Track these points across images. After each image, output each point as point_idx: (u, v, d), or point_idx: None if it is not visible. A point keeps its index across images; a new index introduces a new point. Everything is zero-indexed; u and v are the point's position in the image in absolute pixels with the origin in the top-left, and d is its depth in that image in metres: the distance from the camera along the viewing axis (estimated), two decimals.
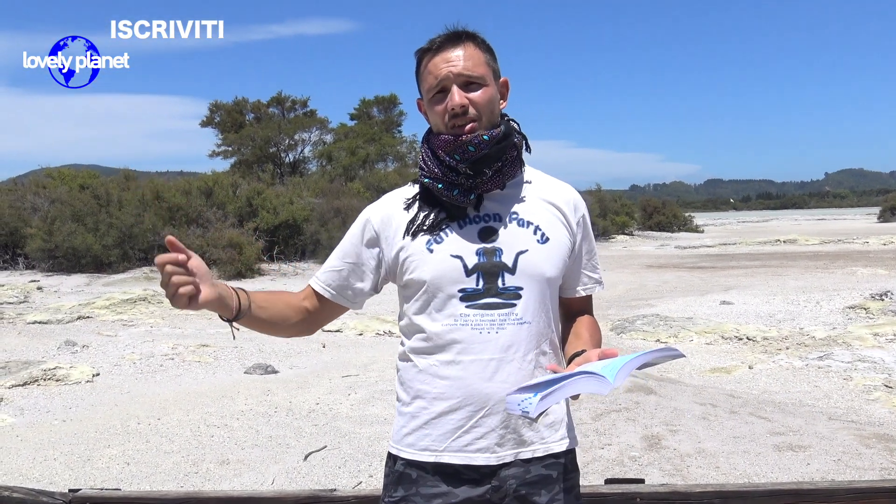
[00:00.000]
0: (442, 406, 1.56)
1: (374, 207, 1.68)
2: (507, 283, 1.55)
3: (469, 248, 1.56)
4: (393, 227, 1.63)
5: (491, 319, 1.54)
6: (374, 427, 5.24)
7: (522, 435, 1.58)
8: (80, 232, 18.08)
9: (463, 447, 1.56)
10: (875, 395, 6.03)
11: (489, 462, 1.56)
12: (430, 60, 1.58)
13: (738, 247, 28.66)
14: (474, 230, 1.58)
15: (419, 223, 1.60)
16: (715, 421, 5.22)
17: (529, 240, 1.59)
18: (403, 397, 1.64)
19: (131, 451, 4.78)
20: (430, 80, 1.57)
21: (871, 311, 9.88)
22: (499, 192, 1.61)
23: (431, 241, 1.58)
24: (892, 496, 2.17)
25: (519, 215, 1.60)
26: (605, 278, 1.76)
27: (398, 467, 1.61)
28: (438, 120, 1.58)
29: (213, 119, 40.69)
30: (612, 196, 44.75)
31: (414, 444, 1.59)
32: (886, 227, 42.27)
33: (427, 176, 1.61)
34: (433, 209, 1.60)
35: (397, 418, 1.66)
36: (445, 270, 1.55)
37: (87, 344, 8.62)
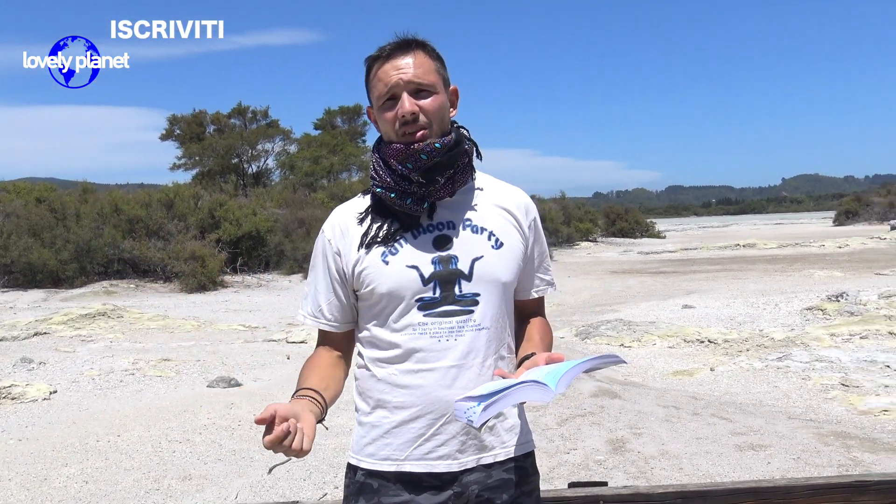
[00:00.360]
0: (402, 415, 1.56)
1: (328, 224, 1.67)
2: (464, 290, 1.56)
3: (424, 258, 1.56)
4: (348, 240, 1.62)
5: (449, 327, 1.54)
6: (339, 438, 5.20)
7: (483, 440, 1.58)
8: (37, 247, 17.68)
9: (424, 455, 1.55)
10: (832, 393, 6.16)
11: (451, 469, 1.55)
12: (380, 68, 1.57)
13: (699, 252, 29.10)
14: (429, 239, 1.58)
15: (373, 235, 1.59)
16: (678, 423, 5.28)
17: (484, 246, 1.59)
18: (363, 407, 1.63)
19: (90, 469, 4.67)
20: (380, 88, 1.56)
21: (827, 312, 10.10)
22: (451, 200, 1.61)
23: (386, 252, 1.57)
24: (848, 492, 2.22)
25: (472, 222, 1.61)
26: (569, 285, 1.78)
27: (359, 477, 1.60)
28: (389, 128, 1.57)
29: (172, 132, 40.16)
30: (576, 203, 45.14)
31: (374, 453, 1.58)
32: (841, 230, 43.32)
33: (379, 185, 1.60)
34: (386, 220, 1.59)
35: (357, 428, 1.64)
36: (402, 281, 1.55)
37: (43, 360, 8.42)
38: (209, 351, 9.19)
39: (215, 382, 7.17)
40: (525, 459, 1.64)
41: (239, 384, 7.18)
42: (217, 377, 7.36)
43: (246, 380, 7.41)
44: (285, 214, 23.26)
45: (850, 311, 9.84)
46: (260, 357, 8.68)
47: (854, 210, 51.70)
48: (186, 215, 21.01)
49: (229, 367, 8.10)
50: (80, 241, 18.13)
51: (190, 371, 7.92)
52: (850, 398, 5.98)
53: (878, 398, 5.91)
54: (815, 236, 35.41)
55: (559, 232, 34.50)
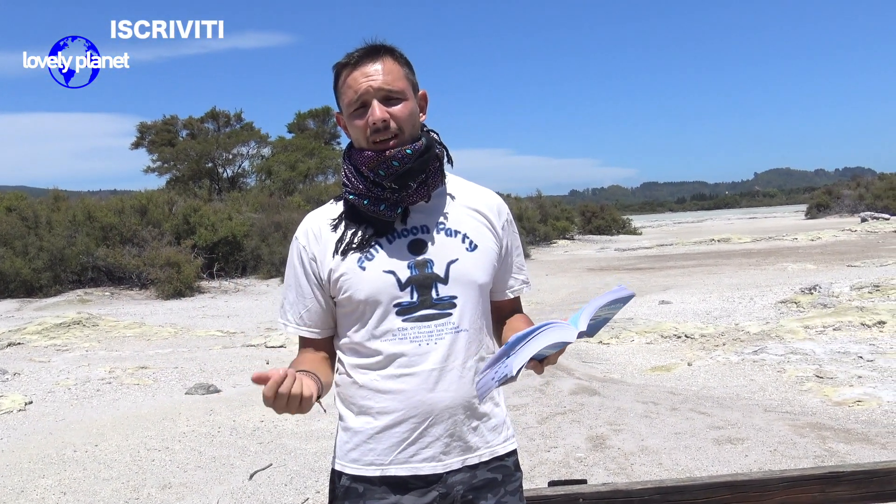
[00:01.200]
0: (386, 420, 1.57)
1: (301, 230, 1.67)
2: (441, 294, 1.57)
3: (401, 263, 1.57)
4: (322, 246, 1.62)
5: (428, 331, 1.55)
6: (320, 442, 5.19)
7: (468, 441, 1.59)
8: (9, 256, 17.42)
9: (409, 458, 1.56)
10: (807, 385, 6.26)
11: (436, 471, 1.57)
12: (349, 75, 1.57)
13: (674, 247, 29.37)
14: (404, 244, 1.59)
15: (348, 242, 1.59)
16: (657, 418, 5.33)
17: (459, 248, 1.60)
18: (346, 414, 1.64)
19: (68, 479, 4.62)
20: (350, 95, 1.57)
21: (801, 304, 10.25)
22: (424, 204, 1.62)
23: (362, 258, 1.57)
24: (822, 483, 2.26)
25: (446, 225, 1.62)
26: (547, 283, 1.79)
27: (343, 482, 1.61)
28: (360, 135, 1.57)
29: (143, 140, 39.71)
30: (552, 202, 45.33)
31: (359, 459, 1.59)
32: (813, 223, 43.95)
33: (352, 192, 1.61)
34: (360, 226, 1.60)
35: (340, 434, 1.65)
36: (380, 287, 1.55)
37: (18, 371, 8.30)
38: (187, 357, 9.11)
39: (194, 389, 7.12)
40: (509, 458, 1.66)
41: (218, 390, 7.13)
42: (195, 384, 7.30)
43: (225, 386, 7.36)
44: (261, 218, 23.12)
45: (824, 303, 10.00)
46: (239, 362, 8.62)
47: (825, 203, 52.44)
48: (161, 221, 20.81)
49: (208, 373, 8.04)
50: (54, 250, 17.89)
51: (168, 378, 7.85)
52: (824, 390, 6.07)
53: (851, 389, 6.01)
54: (787, 230, 35.88)
55: (536, 231, 34.64)
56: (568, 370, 7.23)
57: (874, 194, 47.60)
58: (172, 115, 40.61)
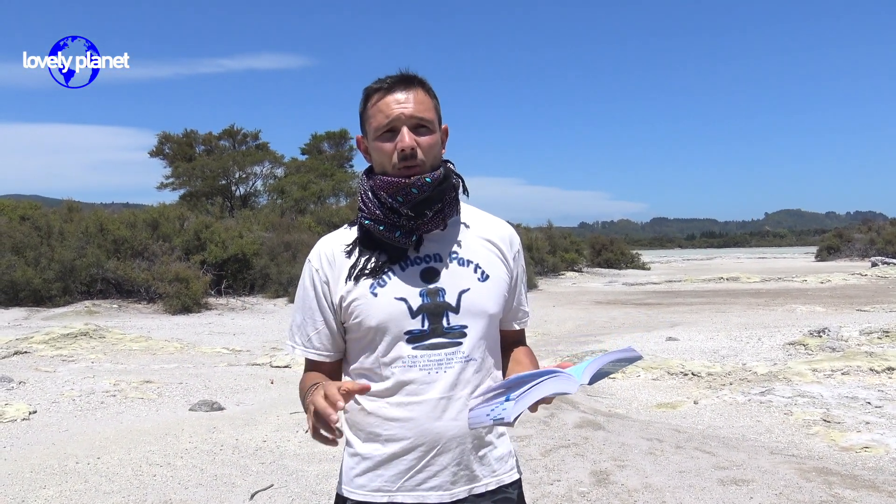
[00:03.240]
0: (394, 447, 1.57)
1: (315, 253, 1.68)
2: (452, 323, 1.58)
3: (413, 290, 1.58)
4: (336, 271, 1.63)
5: (438, 359, 1.56)
6: (323, 465, 5.17)
7: (474, 470, 1.59)
8: (20, 265, 17.53)
9: (416, 486, 1.56)
10: (814, 429, 6.20)
11: (443, 500, 1.57)
12: (381, 99, 1.59)
13: (683, 284, 29.26)
14: (416, 272, 1.59)
15: (361, 267, 1.60)
16: (661, 456, 5.29)
17: (470, 278, 1.62)
18: (353, 440, 1.64)
19: (69, 491, 4.61)
20: (380, 119, 1.58)
21: (809, 347, 10.18)
22: (438, 233, 1.63)
23: (375, 284, 1.58)
24: None
25: (459, 254, 1.63)
26: (554, 314, 1.81)
27: None
28: (385, 159, 1.59)
29: (162, 150, 40.09)
30: (562, 233, 45.34)
31: (365, 485, 1.59)
32: (824, 265, 43.75)
33: (368, 217, 1.62)
34: (374, 252, 1.61)
35: (346, 459, 1.65)
36: (391, 314, 1.56)
37: (23, 380, 8.32)
38: (192, 373, 9.11)
39: (198, 406, 7.11)
40: (514, 490, 1.65)
41: (221, 408, 7.12)
42: (199, 400, 7.30)
43: (229, 404, 7.35)
44: (272, 238, 23.22)
45: (832, 346, 9.93)
46: (243, 381, 8.61)
47: (836, 246, 52.25)
48: (171, 236, 20.94)
49: (212, 390, 8.03)
50: (65, 261, 18.00)
51: (172, 394, 7.84)
52: (831, 434, 6.01)
53: (859, 435, 5.95)
54: (797, 271, 35.73)
55: (545, 261, 34.61)
56: (573, 403, 7.19)
57: (885, 239, 47.45)
58: (192, 129, 41.02)
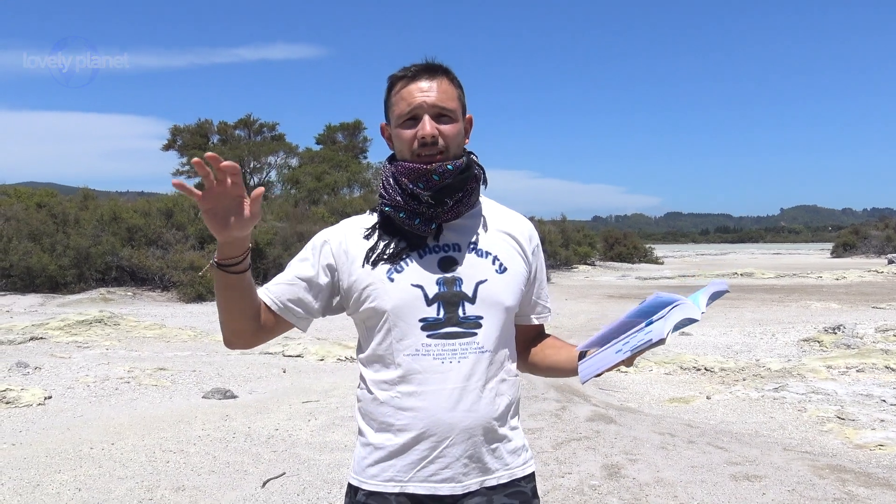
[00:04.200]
0: (406, 437, 1.55)
1: (331, 232, 1.66)
2: (468, 313, 1.57)
3: (430, 278, 1.57)
4: (350, 256, 1.61)
5: (452, 349, 1.55)
6: (334, 454, 5.19)
7: (487, 463, 1.58)
8: (36, 252, 17.68)
9: (428, 477, 1.55)
10: (828, 426, 6.16)
11: (454, 492, 1.56)
12: (405, 87, 1.59)
13: (696, 279, 29.11)
14: (434, 260, 1.58)
15: (379, 252, 1.59)
16: (673, 451, 5.27)
17: (488, 269, 1.61)
18: (366, 429, 1.62)
19: (83, 476, 4.65)
20: (403, 107, 1.58)
21: (824, 343, 10.11)
22: (457, 223, 1.63)
23: (392, 270, 1.57)
24: None
25: (477, 245, 1.62)
26: (566, 308, 1.80)
27: (359, 498, 1.59)
28: (405, 146, 1.59)
29: (174, 143, 40.22)
30: (575, 226, 45.20)
31: (377, 475, 1.58)
32: (839, 262, 43.40)
33: (388, 204, 1.61)
34: (393, 238, 1.60)
35: (358, 449, 1.64)
36: (407, 300, 1.55)
37: (39, 366, 8.40)
38: (205, 361, 9.17)
39: (210, 394, 7.16)
40: (527, 484, 1.64)
41: (234, 396, 7.16)
42: (212, 388, 7.34)
43: (241, 392, 7.39)
44: (285, 227, 23.29)
45: (847, 343, 9.85)
46: (256, 369, 8.66)
47: (852, 242, 51.81)
48: (185, 225, 21.04)
49: (225, 378, 8.08)
50: (80, 248, 18.13)
51: (185, 381, 7.90)
52: (845, 431, 5.97)
53: (873, 432, 5.91)
54: (812, 267, 35.46)
55: (557, 254, 34.54)
56: (585, 396, 7.18)
57: None
58: (207, 119, 41.14)
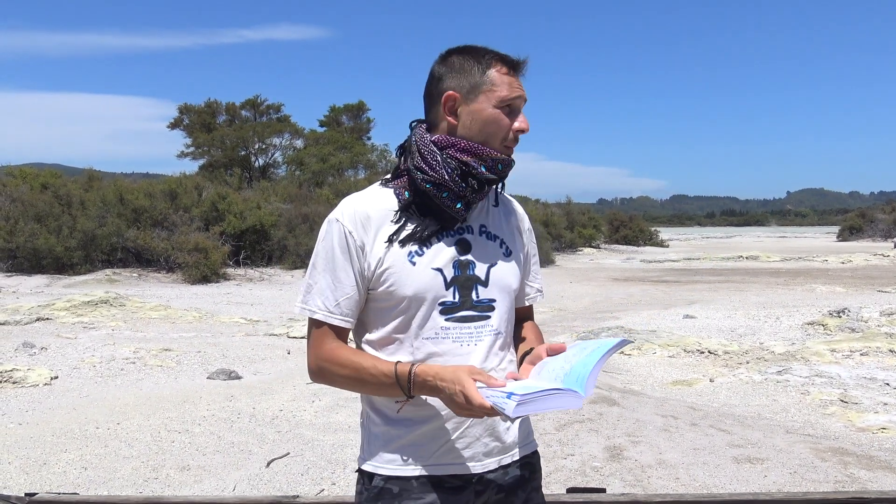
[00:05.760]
0: (427, 419, 1.55)
1: (345, 213, 1.57)
2: (482, 296, 1.57)
3: (448, 261, 1.56)
4: (371, 235, 1.55)
5: (469, 332, 1.55)
6: (338, 434, 5.22)
7: (504, 441, 1.61)
8: (43, 233, 17.73)
9: (451, 458, 1.56)
10: (831, 409, 6.17)
11: (475, 471, 1.57)
12: (508, 73, 1.58)
13: (701, 262, 29.07)
14: (451, 242, 1.57)
15: (410, 233, 1.55)
16: (676, 433, 5.29)
17: (497, 253, 1.62)
18: (378, 413, 1.60)
19: (89, 455, 4.69)
20: (506, 91, 1.55)
21: (828, 327, 10.10)
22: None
23: (414, 253, 1.54)
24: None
25: (487, 228, 1.63)
26: (571, 290, 1.80)
27: (376, 483, 1.57)
28: (499, 132, 1.56)
29: (181, 121, 40.18)
30: (580, 209, 45.09)
31: (396, 458, 1.57)
32: (845, 245, 43.27)
33: (430, 182, 1.54)
34: (423, 218, 1.56)
35: (373, 434, 1.61)
36: (428, 283, 1.53)
37: (45, 346, 8.45)
38: (210, 342, 9.21)
39: (216, 374, 7.20)
40: (533, 456, 1.69)
41: (239, 377, 7.20)
42: (217, 369, 7.38)
43: (246, 373, 7.43)
44: (289, 209, 23.30)
45: (852, 327, 9.84)
46: (261, 351, 8.70)
47: (858, 226, 51.61)
48: (190, 207, 21.07)
49: (230, 359, 8.12)
50: (86, 230, 18.19)
51: (190, 362, 7.94)
52: (848, 414, 5.98)
53: (876, 416, 5.91)
54: (818, 251, 35.36)
55: (562, 237, 34.49)
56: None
57: None
58: (215, 99, 41.07)
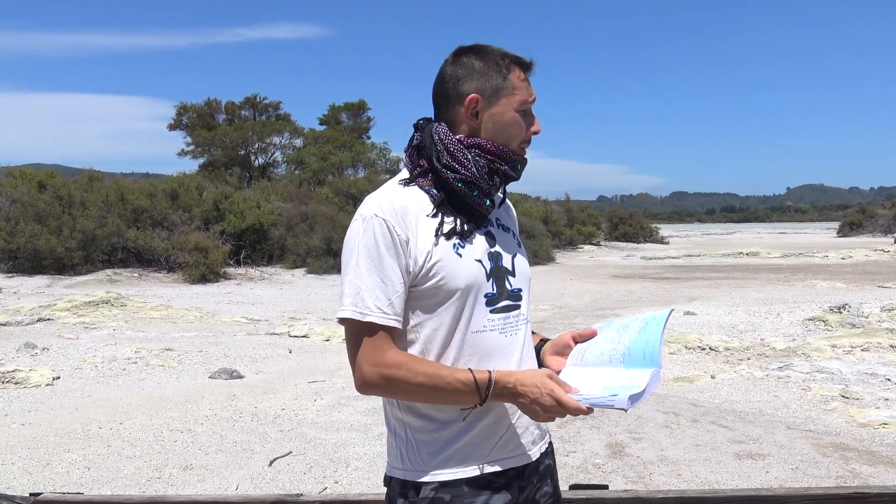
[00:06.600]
0: (482, 416, 1.53)
1: (383, 207, 1.51)
2: (513, 286, 1.60)
3: (484, 254, 1.57)
4: (412, 228, 1.51)
5: (508, 322, 1.57)
6: (340, 433, 5.23)
7: (543, 428, 1.66)
8: (44, 234, 17.74)
9: (506, 452, 1.56)
10: (832, 405, 6.18)
11: (527, 462, 1.59)
12: (524, 77, 1.62)
13: (702, 258, 29.08)
14: (482, 235, 1.59)
15: (453, 227, 1.54)
16: (677, 429, 5.30)
17: (513, 244, 1.67)
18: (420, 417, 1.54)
19: (92, 455, 4.71)
20: (524, 96, 1.60)
21: (829, 323, 10.10)
22: None
23: (458, 245, 1.53)
24: (846, 502, 2.24)
25: (501, 221, 1.67)
26: (571, 288, 1.83)
27: (426, 494, 1.51)
28: (516, 134, 1.60)
29: (180, 121, 40.17)
30: (580, 206, 45.08)
31: (450, 460, 1.52)
32: (845, 241, 43.26)
33: (462, 179, 1.55)
34: (458, 214, 1.56)
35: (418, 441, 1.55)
36: (475, 275, 1.53)
37: (47, 346, 8.46)
38: (211, 342, 9.22)
39: (217, 374, 7.21)
40: (551, 447, 1.73)
41: (241, 376, 7.21)
42: (219, 368, 7.39)
43: (248, 372, 7.44)
44: (289, 208, 23.29)
45: (852, 322, 9.85)
46: (262, 350, 8.71)
47: (858, 222, 51.59)
48: (191, 206, 21.08)
49: (231, 358, 8.13)
50: (86, 230, 18.19)
51: (192, 361, 7.95)
52: (849, 410, 5.99)
53: (877, 411, 5.92)
54: (818, 247, 35.37)
55: (562, 234, 34.49)
56: None
57: None
58: (215, 98, 41.07)
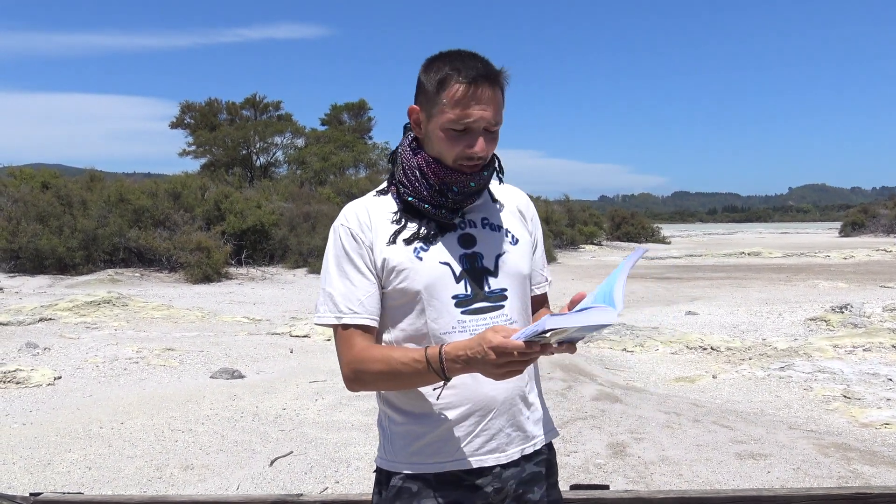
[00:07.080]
0: (450, 415, 1.56)
1: (349, 217, 1.60)
2: (493, 287, 1.59)
3: (454, 256, 1.58)
4: (376, 235, 1.58)
5: (485, 323, 1.55)
6: (341, 433, 5.23)
7: (526, 430, 1.63)
8: (45, 234, 17.75)
9: (475, 451, 1.57)
10: (834, 405, 6.17)
11: (499, 462, 1.58)
12: (461, 93, 1.50)
13: (703, 258, 29.06)
14: (454, 238, 1.60)
15: (413, 232, 1.58)
16: (679, 429, 5.29)
17: (503, 242, 1.64)
18: (397, 412, 1.61)
19: (93, 455, 4.70)
20: (457, 114, 1.50)
21: (831, 323, 10.09)
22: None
23: (419, 249, 1.57)
24: (848, 502, 2.23)
25: (489, 220, 1.66)
26: (573, 288, 1.81)
27: (395, 483, 1.58)
28: (448, 152, 1.54)
29: (183, 120, 40.19)
30: (581, 206, 45.06)
31: (419, 454, 1.57)
32: (847, 241, 43.21)
33: (412, 195, 1.59)
34: (422, 221, 1.59)
35: (395, 433, 1.61)
36: (438, 277, 1.55)
37: (48, 346, 8.47)
38: (213, 342, 9.22)
39: (218, 373, 7.21)
40: (550, 452, 1.71)
41: (242, 376, 7.21)
42: (220, 368, 7.39)
43: (249, 372, 7.44)
44: (291, 208, 23.30)
45: (854, 322, 9.84)
46: (263, 350, 8.71)
47: (860, 221, 51.53)
48: (193, 206, 21.08)
49: (232, 358, 8.13)
50: (88, 230, 18.20)
51: (193, 361, 7.95)
52: (851, 410, 5.98)
53: (879, 411, 5.91)
54: (820, 247, 35.33)
55: (563, 234, 34.47)
56: (591, 376, 7.20)
57: None
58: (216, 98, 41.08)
